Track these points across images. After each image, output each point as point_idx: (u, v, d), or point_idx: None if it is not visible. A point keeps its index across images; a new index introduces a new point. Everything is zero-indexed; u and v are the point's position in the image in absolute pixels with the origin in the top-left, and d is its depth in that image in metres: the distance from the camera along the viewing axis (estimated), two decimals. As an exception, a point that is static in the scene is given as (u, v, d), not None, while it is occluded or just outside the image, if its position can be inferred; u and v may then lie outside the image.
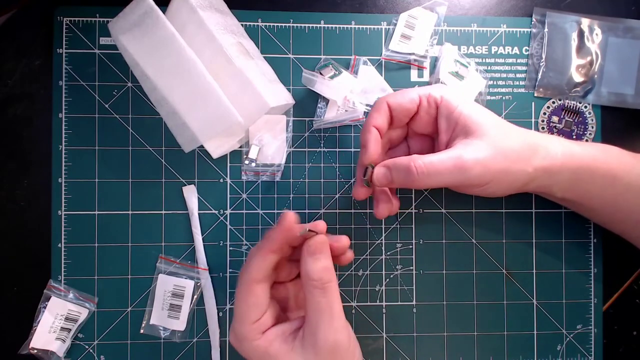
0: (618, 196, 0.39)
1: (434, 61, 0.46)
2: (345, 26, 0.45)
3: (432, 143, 0.41)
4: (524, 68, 0.46)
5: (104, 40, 0.44)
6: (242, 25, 0.44)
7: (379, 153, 0.38)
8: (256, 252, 0.35)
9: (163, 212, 0.44)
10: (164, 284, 0.43)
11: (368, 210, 0.45)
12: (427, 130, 0.40)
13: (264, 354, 0.34)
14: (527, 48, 0.46)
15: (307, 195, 0.45)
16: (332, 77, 0.43)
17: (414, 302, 0.45)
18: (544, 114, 0.46)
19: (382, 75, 0.45)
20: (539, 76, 0.46)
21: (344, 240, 0.37)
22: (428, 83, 0.45)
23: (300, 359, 0.33)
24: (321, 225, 0.36)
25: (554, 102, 0.46)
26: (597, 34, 0.46)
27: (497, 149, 0.36)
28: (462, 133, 0.37)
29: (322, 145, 0.45)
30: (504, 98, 0.46)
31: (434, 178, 0.35)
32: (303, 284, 0.35)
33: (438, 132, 0.39)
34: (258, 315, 0.34)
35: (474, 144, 0.36)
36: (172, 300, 0.43)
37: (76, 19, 0.43)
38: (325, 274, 0.34)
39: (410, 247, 0.45)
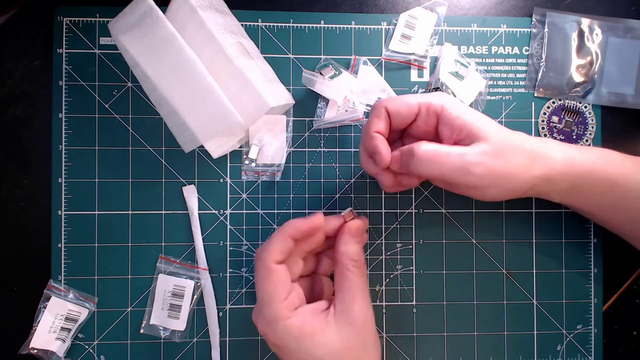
0: (617, 202, 0.39)
1: (434, 61, 0.46)
2: (345, 26, 0.45)
3: None
4: (524, 68, 0.46)
5: (104, 40, 0.44)
6: (242, 25, 0.44)
7: (390, 154, 0.38)
8: (277, 234, 0.36)
9: (163, 212, 0.44)
10: (164, 284, 0.43)
11: (368, 211, 0.45)
12: (424, 137, 0.39)
13: (299, 332, 0.34)
14: (527, 48, 0.46)
15: (307, 195, 0.45)
16: (332, 77, 0.43)
17: (414, 302, 0.45)
18: (544, 114, 0.46)
19: (382, 75, 0.45)
20: (539, 76, 0.46)
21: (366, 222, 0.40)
22: (428, 83, 0.45)
23: (336, 334, 0.34)
24: (365, 220, 0.39)
25: (554, 102, 0.46)
26: (597, 34, 0.46)
27: (501, 153, 0.36)
28: (467, 138, 0.36)
29: (322, 145, 0.45)
30: (504, 98, 0.46)
31: (434, 167, 0.35)
32: (339, 264, 0.37)
33: (440, 139, 0.38)
34: (286, 293, 0.35)
35: (480, 146, 0.36)
36: (172, 300, 0.43)
37: (76, 19, 0.43)
38: (362, 256, 0.37)
39: (410, 247, 0.45)
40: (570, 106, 0.46)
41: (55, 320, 0.42)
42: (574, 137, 0.46)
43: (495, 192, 0.37)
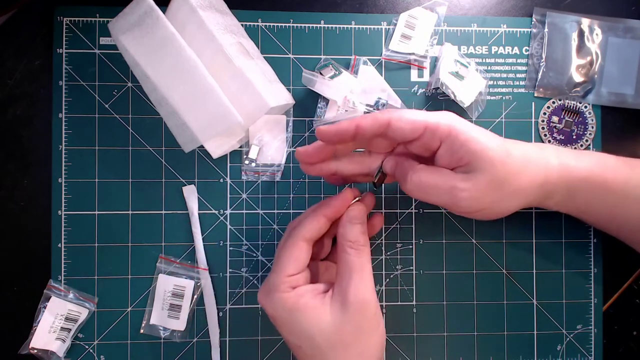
0: (614, 207, 0.39)
1: (434, 61, 0.46)
2: (345, 26, 0.45)
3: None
4: (524, 68, 0.46)
5: (104, 40, 0.44)
6: (242, 25, 0.44)
7: (334, 137, 0.36)
8: (311, 212, 0.37)
9: (163, 212, 0.44)
10: (164, 284, 0.43)
11: (368, 210, 0.45)
12: (420, 154, 0.38)
13: (292, 306, 0.35)
14: (527, 48, 0.46)
15: (307, 195, 0.45)
16: (332, 77, 0.43)
17: (414, 302, 0.45)
18: (544, 114, 0.46)
19: (382, 75, 0.45)
20: (539, 76, 0.46)
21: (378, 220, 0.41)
22: (428, 83, 0.45)
23: (328, 313, 0.34)
24: (370, 197, 0.39)
25: (554, 102, 0.46)
26: (597, 34, 0.46)
27: (494, 184, 0.35)
28: (466, 166, 0.35)
29: (322, 145, 0.45)
30: (504, 98, 0.46)
31: (423, 194, 0.36)
32: (339, 247, 0.37)
33: (435, 158, 0.37)
34: (296, 271, 0.36)
35: (473, 178, 0.35)
36: (172, 300, 0.43)
37: (76, 19, 0.43)
38: (361, 237, 0.36)
39: (410, 247, 0.45)
40: (570, 106, 0.46)
41: (55, 320, 0.42)
42: (574, 137, 0.46)
43: (486, 214, 0.37)
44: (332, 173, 0.39)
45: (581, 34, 0.46)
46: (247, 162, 0.43)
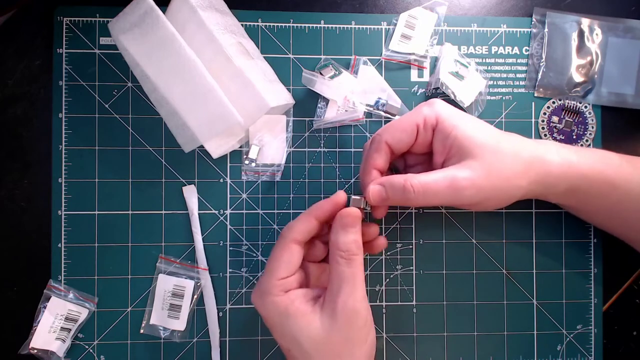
0: (616, 204, 0.39)
1: (434, 61, 0.46)
2: (345, 26, 0.45)
3: (427, 157, 0.41)
4: (524, 68, 0.46)
5: (104, 40, 0.44)
6: (242, 25, 0.44)
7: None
8: (302, 214, 0.37)
9: (163, 212, 0.44)
10: (164, 284, 0.43)
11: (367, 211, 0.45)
12: (423, 151, 0.40)
13: (283, 311, 0.35)
14: (527, 48, 0.46)
15: (307, 195, 0.45)
16: (332, 77, 0.43)
17: (414, 302, 0.45)
18: (544, 114, 0.46)
19: (382, 75, 0.45)
20: (539, 76, 0.46)
21: (373, 227, 0.40)
22: (428, 83, 0.45)
23: (318, 321, 0.34)
24: (381, 210, 0.39)
25: (554, 102, 0.46)
26: (597, 34, 0.46)
27: (491, 169, 0.36)
28: (457, 155, 0.37)
29: (322, 145, 0.45)
30: (504, 98, 0.46)
31: (429, 197, 0.36)
32: (330, 254, 0.36)
33: (433, 153, 0.39)
34: (287, 274, 0.36)
35: (468, 165, 0.36)
36: (172, 300, 0.43)
37: (76, 19, 0.43)
38: (352, 246, 0.35)
39: (410, 247, 0.45)
40: (570, 106, 0.46)
41: (55, 320, 0.42)
42: (574, 137, 0.46)
43: (488, 205, 0.38)
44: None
45: (581, 34, 0.46)
46: (247, 162, 0.43)
